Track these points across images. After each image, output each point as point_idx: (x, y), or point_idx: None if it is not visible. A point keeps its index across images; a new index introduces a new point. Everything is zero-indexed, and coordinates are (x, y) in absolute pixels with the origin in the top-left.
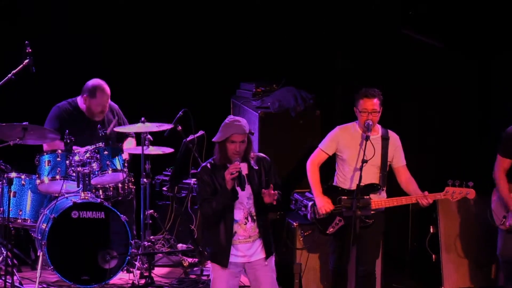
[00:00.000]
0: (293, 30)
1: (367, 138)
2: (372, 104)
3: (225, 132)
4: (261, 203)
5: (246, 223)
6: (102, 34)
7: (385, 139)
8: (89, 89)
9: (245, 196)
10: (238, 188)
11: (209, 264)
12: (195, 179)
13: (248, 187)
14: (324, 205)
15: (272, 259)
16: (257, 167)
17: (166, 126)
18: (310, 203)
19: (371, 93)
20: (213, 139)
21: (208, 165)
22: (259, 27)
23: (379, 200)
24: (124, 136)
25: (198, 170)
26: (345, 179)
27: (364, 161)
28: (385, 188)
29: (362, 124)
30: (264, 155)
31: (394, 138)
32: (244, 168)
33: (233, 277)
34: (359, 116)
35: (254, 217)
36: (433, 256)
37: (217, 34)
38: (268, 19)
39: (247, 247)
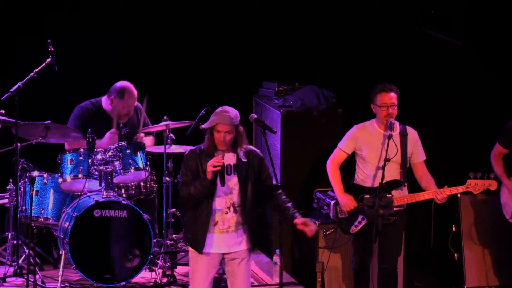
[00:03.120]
0: (315, 29)
1: (389, 137)
2: (390, 98)
3: (212, 120)
4: (247, 194)
5: (227, 213)
6: (124, 34)
7: (403, 136)
8: (117, 90)
9: (229, 186)
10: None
11: None
12: None
13: (234, 177)
14: (347, 202)
15: (250, 254)
16: (245, 160)
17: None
18: (332, 202)
19: (388, 87)
20: (202, 126)
21: (197, 150)
22: (281, 26)
23: (400, 197)
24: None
25: (186, 153)
26: (365, 177)
27: (387, 160)
28: (406, 184)
29: (382, 118)
30: (255, 149)
31: (413, 134)
32: (232, 158)
33: (210, 265)
34: (379, 111)
35: (237, 208)
36: (455, 254)
37: (240, 33)
38: (291, 19)
39: (226, 237)
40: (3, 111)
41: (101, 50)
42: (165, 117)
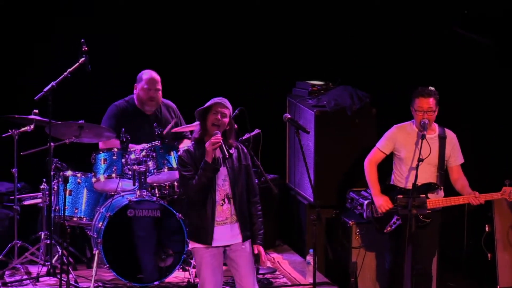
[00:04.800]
0: (350, 29)
1: (423, 137)
2: (427, 103)
3: (209, 102)
4: (237, 186)
5: (223, 205)
6: (158, 33)
7: (442, 138)
8: (137, 77)
9: (220, 178)
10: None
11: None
12: None
13: (224, 169)
14: (382, 204)
15: (249, 243)
16: (234, 152)
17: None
18: (366, 202)
19: (427, 92)
20: (196, 111)
21: (189, 149)
22: (316, 26)
23: (436, 200)
24: (180, 136)
25: (181, 153)
26: (402, 178)
27: (420, 160)
28: (443, 188)
29: (418, 123)
30: (242, 145)
31: (451, 137)
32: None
33: (216, 259)
34: (415, 115)
35: (231, 199)
36: (489, 255)
37: (274, 32)
38: (326, 19)
39: (225, 229)
40: (36, 111)
41: (135, 50)
42: None
